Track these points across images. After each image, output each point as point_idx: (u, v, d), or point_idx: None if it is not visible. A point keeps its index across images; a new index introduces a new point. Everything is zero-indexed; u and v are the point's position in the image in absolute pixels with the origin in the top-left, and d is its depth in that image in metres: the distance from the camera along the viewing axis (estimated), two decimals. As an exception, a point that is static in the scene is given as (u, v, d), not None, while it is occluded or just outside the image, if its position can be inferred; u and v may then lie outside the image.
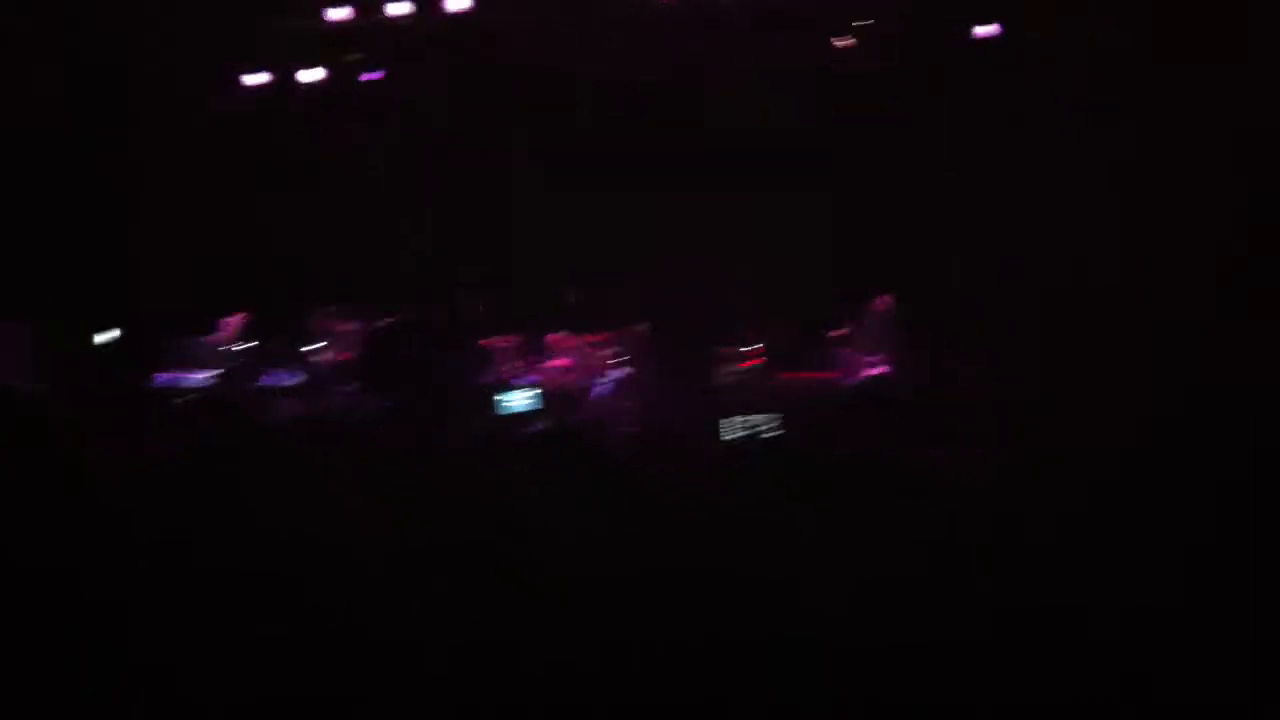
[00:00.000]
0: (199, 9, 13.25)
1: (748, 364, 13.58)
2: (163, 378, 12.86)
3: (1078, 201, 12.61)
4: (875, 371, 12.73)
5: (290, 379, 13.37)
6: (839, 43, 13.59)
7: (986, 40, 13.23)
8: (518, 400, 6.79)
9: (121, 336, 14.22)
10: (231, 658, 3.87)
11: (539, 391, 6.88)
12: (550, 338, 14.25)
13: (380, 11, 13.84)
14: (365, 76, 14.53)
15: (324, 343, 13.85)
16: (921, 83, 13.42)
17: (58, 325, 13.57)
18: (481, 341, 14.33)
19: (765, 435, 6.09)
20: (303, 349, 13.95)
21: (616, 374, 14.14)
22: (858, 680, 3.56)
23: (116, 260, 13.98)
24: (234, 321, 13.41)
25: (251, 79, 14.27)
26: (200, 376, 12.81)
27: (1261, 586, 3.68)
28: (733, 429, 6.09)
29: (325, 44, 14.14)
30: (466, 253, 14.62)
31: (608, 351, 14.23)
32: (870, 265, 13.55)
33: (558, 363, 14.27)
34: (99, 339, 14.27)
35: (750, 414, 6.10)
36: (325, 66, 14.31)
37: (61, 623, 3.96)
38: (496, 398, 6.81)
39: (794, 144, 13.81)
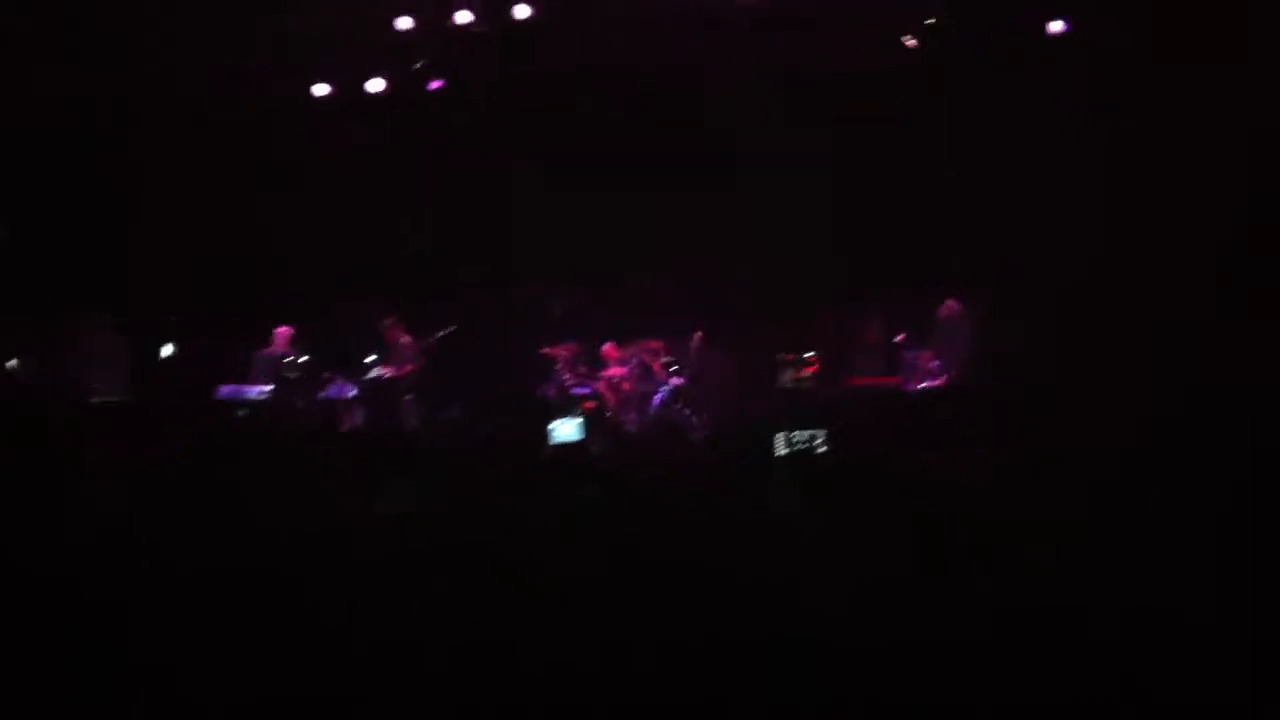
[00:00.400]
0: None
1: (807, 370, 13.42)
2: (225, 390, 12.98)
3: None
4: (937, 381, 12.47)
5: (351, 390, 13.44)
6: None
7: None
8: (565, 430, 6.73)
9: (183, 349, 14.43)
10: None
11: (581, 421, 6.81)
12: (606, 347, 14.22)
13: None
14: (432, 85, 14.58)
15: (383, 354, 13.92)
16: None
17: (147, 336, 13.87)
18: (542, 349, 14.35)
19: (815, 449, 5.93)
20: (364, 360, 14.05)
21: (674, 382, 14.06)
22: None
23: (178, 272, 14.16)
24: (284, 333, 13.50)
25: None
26: (260, 389, 12.90)
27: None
28: (782, 444, 5.94)
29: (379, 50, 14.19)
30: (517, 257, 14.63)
31: (663, 359, 14.16)
32: (927, 267, 13.29)
33: (613, 371, 14.22)
34: (166, 351, 14.50)
35: (798, 428, 5.95)
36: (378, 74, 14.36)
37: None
38: (549, 428, 6.75)
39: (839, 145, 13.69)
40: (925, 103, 13.28)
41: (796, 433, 5.97)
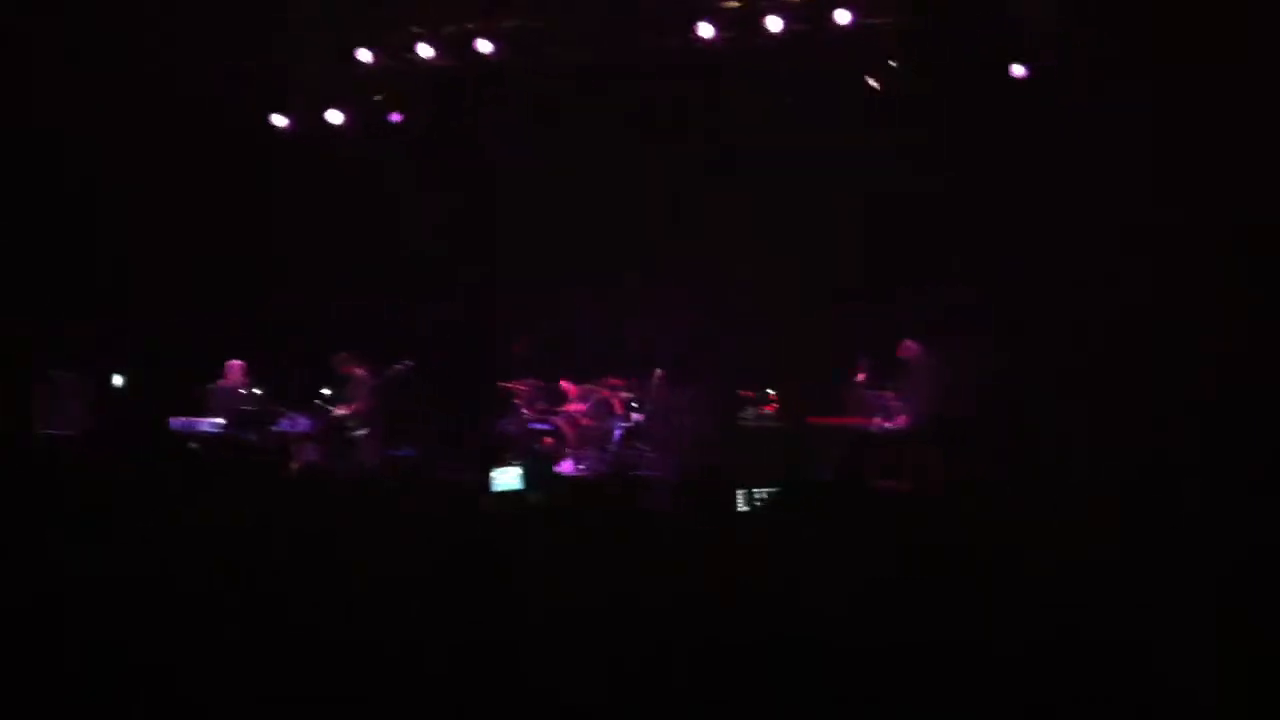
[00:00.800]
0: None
1: (768, 409, 13.31)
2: (177, 422, 12.74)
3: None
4: (896, 422, 12.36)
5: (305, 425, 13.23)
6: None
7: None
8: (504, 479, 6.62)
9: (134, 381, 14.22)
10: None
11: (520, 471, 6.71)
12: (564, 383, 14.10)
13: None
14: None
15: (338, 389, 13.72)
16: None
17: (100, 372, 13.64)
18: (501, 384, 14.20)
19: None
20: (318, 394, 13.84)
21: (633, 419, 13.94)
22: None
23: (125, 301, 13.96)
24: (237, 365, 13.28)
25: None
26: (212, 422, 12.67)
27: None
28: (745, 500, 5.88)
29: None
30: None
31: (623, 396, 14.04)
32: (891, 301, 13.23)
33: (572, 407, 14.08)
34: (116, 381, 14.28)
35: (759, 485, 5.89)
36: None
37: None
38: (490, 474, 6.66)
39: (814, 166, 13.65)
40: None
41: (757, 489, 5.86)
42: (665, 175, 14.20)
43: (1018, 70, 12.94)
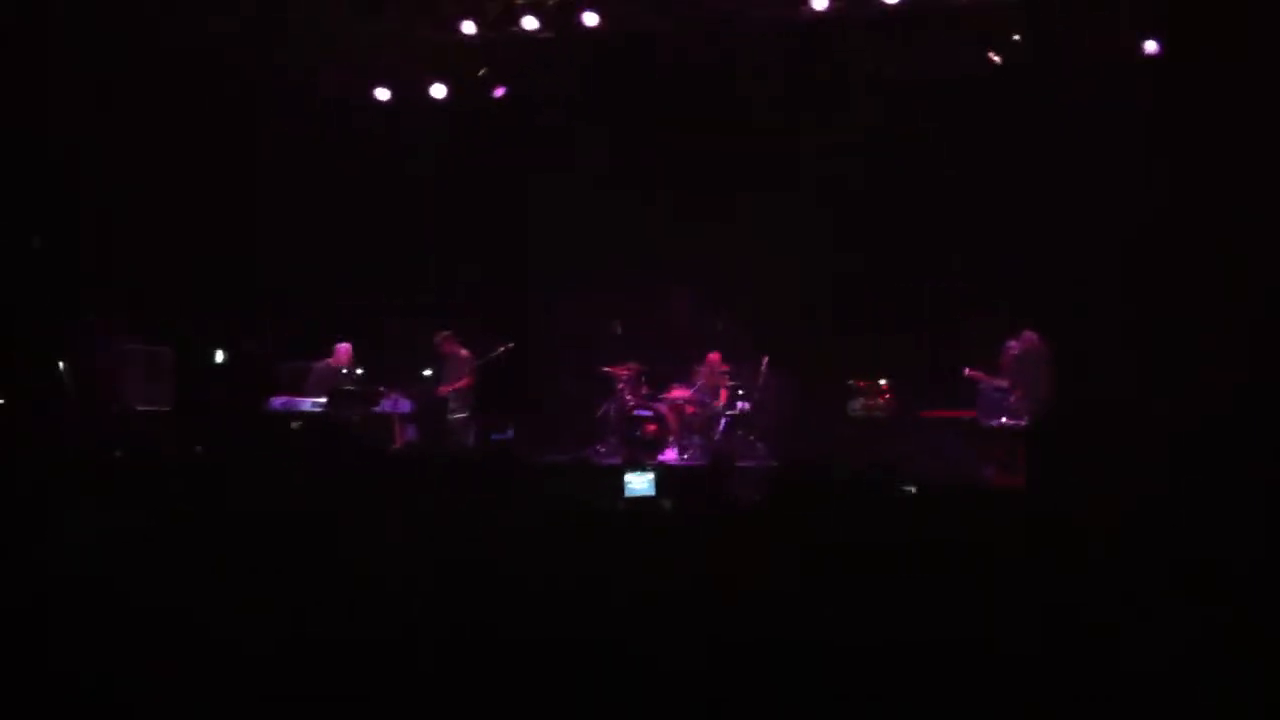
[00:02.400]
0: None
1: (880, 399, 12.82)
2: (278, 401, 12.64)
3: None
4: (1014, 420, 11.79)
5: (406, 405, 13.05)
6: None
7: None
8: (638, 483, 6.34)
9: (236, 359, 14.19)
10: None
11: (653, 476, 6.42)
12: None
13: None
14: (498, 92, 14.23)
15: (438, 368, 13.54)
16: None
17: (191, 347, 13.59)
18: (604, 368, 13.91)
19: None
20: (421, 374, 13.69)
21: (739, 406, 13.56)
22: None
23: (236, 282, 13.91)
24: (344, 347, 13.15)
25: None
26: (314, 401, 12.54)
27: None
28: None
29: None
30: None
31: (730, 383, 13.65)
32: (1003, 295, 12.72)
33: (677, 393, 13.74)
34: (218, 358, 14.25)
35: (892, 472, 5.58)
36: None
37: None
38: (624, 479, 6.41)
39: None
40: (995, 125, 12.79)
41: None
42: (759, 159, 13.79)
43: (1150, 47, 12.29)
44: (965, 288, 13.34)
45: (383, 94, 14.22)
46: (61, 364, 12.71)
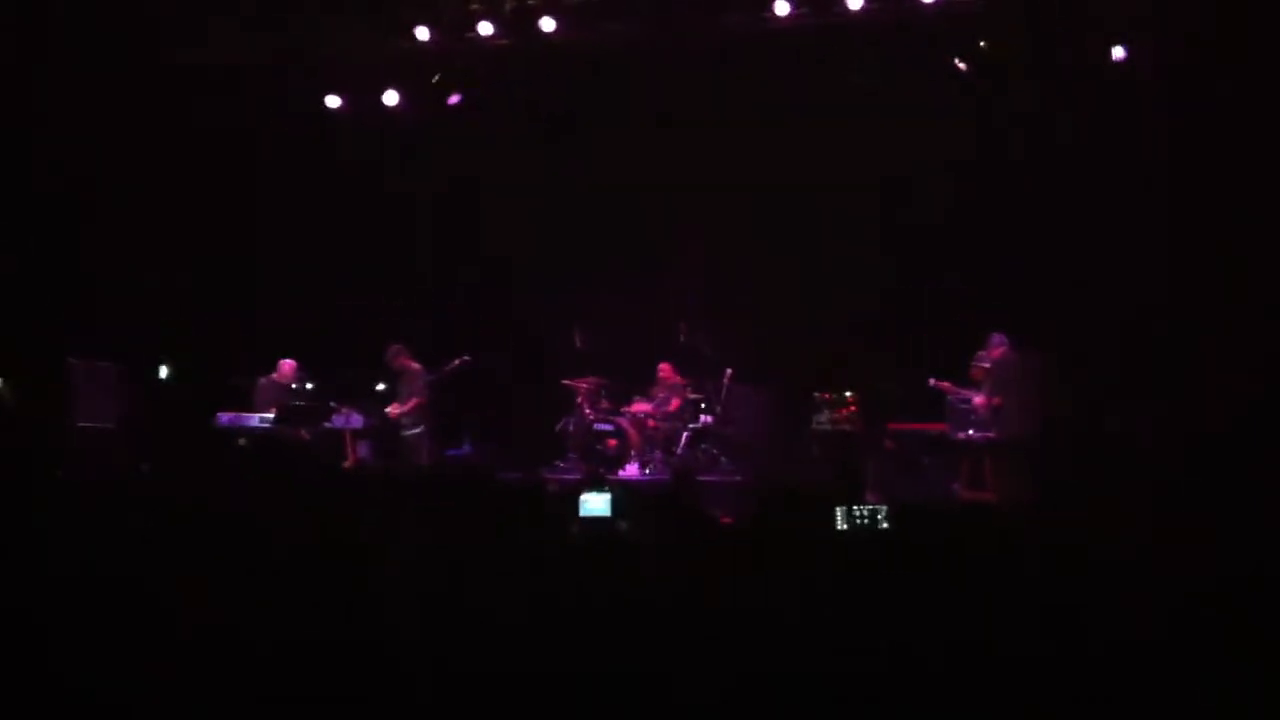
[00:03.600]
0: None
1: (844, 411, 12.53)
2: (225, 418, 12.18)
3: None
4: (983, 433, 11.51)
5: (359, 421, 12.63)
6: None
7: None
8: (593, 504, 6.03)
9: (181, 374, 13.73)
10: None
11: (610, 496, 6.10)
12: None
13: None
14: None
15: (391, 382, 13.12)
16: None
17: (137, 362, 13.12)
18: (563, 381, 13.56)
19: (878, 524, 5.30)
20: (374, 389, 13.27)
21: (702, 420, 13.23)
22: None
23: (181, 295, 13.45)
24: (289, 363, 12.70)
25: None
26: (261, 417, 12.08)
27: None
28: (842, 519, 5.33)
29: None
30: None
31: (692, 397, 13.33)
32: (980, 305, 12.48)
33: (639, 407, 13.41)
34: (162, 373, 13.79)
35: (860, 503, 5.32)
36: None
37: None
38: (580, 499, 6.10)
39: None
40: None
41: (857, 507, 5.22)
42: (730, 166, 13.49)
43: (1118, 53, 12.10)
44: (933, 296, 13.12)
45: (333, 102, 13.83)
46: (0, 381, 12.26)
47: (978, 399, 11.51)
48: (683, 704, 3.44)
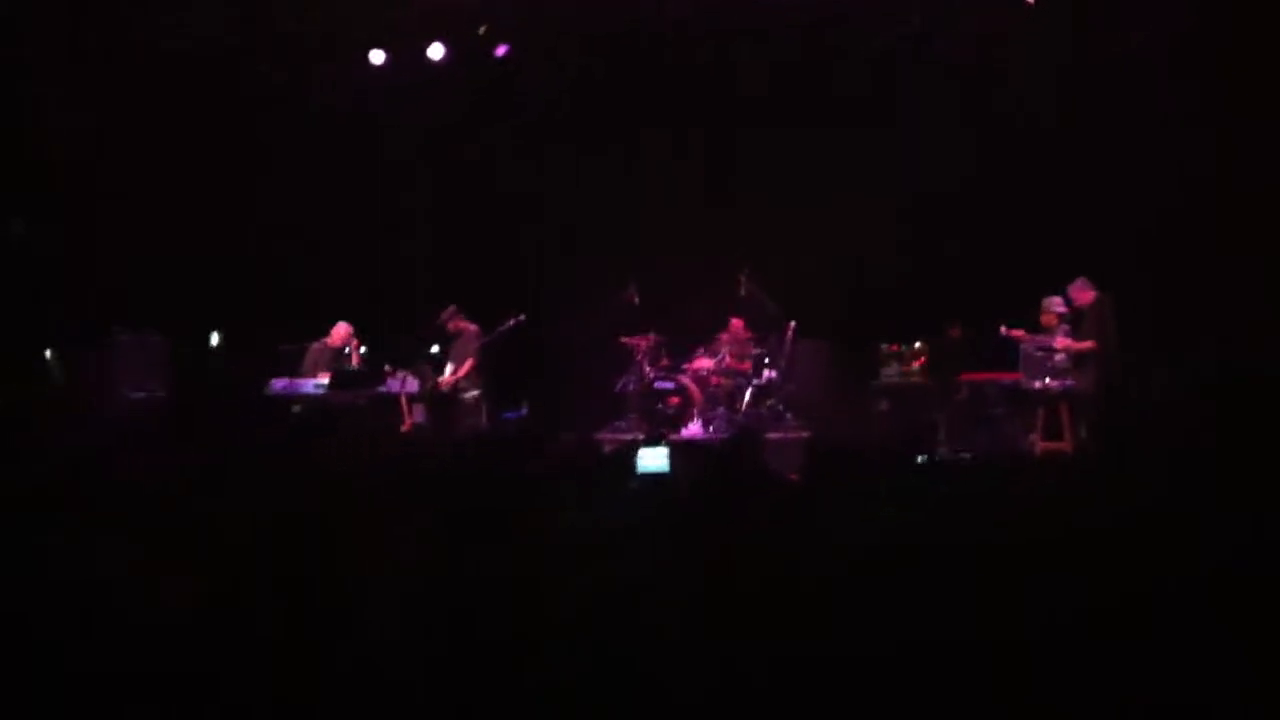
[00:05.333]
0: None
1: (914, 364, 12.09)
2: (279, 384, 11.97)
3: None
4: (1060, 381, 10.99)
5: (414, 385, 12.36)
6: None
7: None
8: (651, 459, 5.69)
9: (234, 342, 13.57)
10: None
11: (667, 451, 5.76)
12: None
13: None
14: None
15: (445, 345, 12.86)
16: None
17: (185, 333, 12.97)
18: (621, 339, 13.24)
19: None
20: (425, 353, 13.01)
21: (766, 376, 12.84)
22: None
23: (232, 266, 13.25)
24: (344, 326, 12.45)
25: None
26: (316, 383, 11.86)
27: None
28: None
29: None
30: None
31: (754, 352, 12.94)
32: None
33: (700, 363, 13.04)
34: (213, 341, 13.64)
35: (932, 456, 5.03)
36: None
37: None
38: (639, 454, 5.77)
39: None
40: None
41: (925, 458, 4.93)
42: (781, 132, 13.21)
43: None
44: (996, 248, 12.65)
45: (377, 57, 13.49)
46: (49, 354, 12.15)
47: (1059, 343, 10.98)
48: (746, 672, 3.13)
